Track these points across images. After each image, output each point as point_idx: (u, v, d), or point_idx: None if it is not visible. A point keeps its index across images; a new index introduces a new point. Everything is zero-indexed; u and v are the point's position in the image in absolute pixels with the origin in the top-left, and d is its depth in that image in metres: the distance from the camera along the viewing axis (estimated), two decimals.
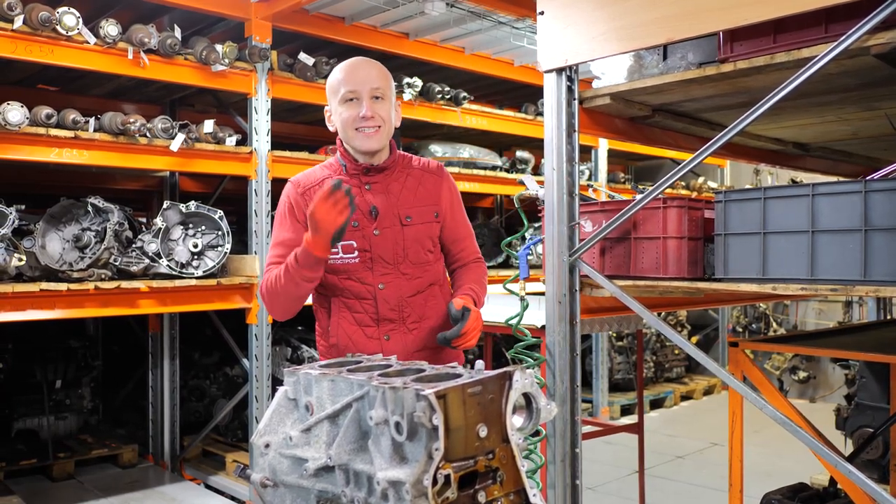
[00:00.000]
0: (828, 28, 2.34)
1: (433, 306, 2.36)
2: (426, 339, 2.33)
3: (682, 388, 8.40)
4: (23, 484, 5.20)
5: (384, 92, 2.29)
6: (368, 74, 2.29)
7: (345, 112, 2.28)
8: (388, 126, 2.31)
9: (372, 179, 2.33)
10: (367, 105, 2.25)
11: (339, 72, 2.32)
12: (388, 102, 2.31)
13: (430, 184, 2.39)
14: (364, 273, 2.29)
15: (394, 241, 2.29)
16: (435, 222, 2.37)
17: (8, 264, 3.78)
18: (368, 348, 2.29)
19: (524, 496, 1.56)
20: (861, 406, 4.44)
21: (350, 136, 2.29)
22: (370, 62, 2.35)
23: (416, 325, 2.32)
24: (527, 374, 1.58)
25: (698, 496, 5.17)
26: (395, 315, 2.30)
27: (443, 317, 2.36)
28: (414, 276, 2.32)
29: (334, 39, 5.04)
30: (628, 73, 2.98)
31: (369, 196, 2.31)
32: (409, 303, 2.31)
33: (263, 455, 1.70)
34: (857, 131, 3.69)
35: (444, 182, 2.43)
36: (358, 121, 2.25)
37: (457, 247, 2.46)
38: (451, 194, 2.44)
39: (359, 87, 2.26)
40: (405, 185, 2.35)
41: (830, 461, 2.33)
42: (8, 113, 3.74)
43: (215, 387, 6.16)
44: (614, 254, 3.05)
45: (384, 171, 2.34)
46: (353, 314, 2.31)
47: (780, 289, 2.50)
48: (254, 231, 4.72)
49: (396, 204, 2.32)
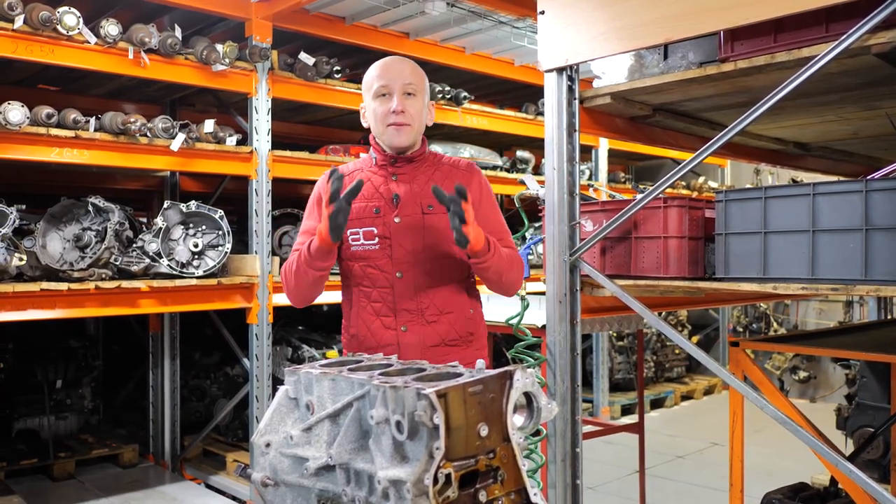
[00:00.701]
0: (828, 27, 2.34)
1: (455, 301, 2.33)
2: (445, 335, 2.30)
3: (682, 387, 8.40)
4: (23, 484, 5.20)
5: (416, 89, 2.30)
6: (402, 71, 2.31)
7: (377, 107, 2.30)
8: (419, 123, 2.32)
9: (399, 170, 2.34)
10: (399, 100, 2.27)
11: (373, 68, 2.35)
12: (420, 100, 2.32)
13: (457, 178, 2.35)
14: (384, 261, 2.28)
15: (414, 230, 2.28)
16: None
17: (8, 264, 3.78)
18: (385, 339, 2.27)
19: (525, 495, 1.56)
20: (862, 406, 4.44)
21: (380, 130, 2.31)
22: (404, 60, 2.37)
23: (435, 318, 2.29)
24: (528, 374, 1.58)
25: (699, 496, 5.17)
26: (413, 306, 2.28)
27: (465, 314, 2.34)
28: (434, 268, 2.29)
29: (335, 39, 5.05)
30: (629, 73, 2.98)
31: (394, 185, 2.32)
32: (427, 294, 2.28)
33: (264, 454, 1.70)
34: (857, 131, 3.69)
35: (474, 178, 2.40)
36: (389, 116, 2.27)
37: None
38: (481, 191, 2.40)
39: (391, 83, 2.28)
40: (432, 178, 2.34)
41: (831, 461, 2.33)
42: (8, 113, 3.74)
43: (216, 386, 6.16)
44: (615, 253, 3.05)
45: (412, 162, 2.34)
46: (371, 304, 2.30)
47: (781, 288, 2.50)
48: (254, 231, 4.72)
49: (420, 193, 2.31)
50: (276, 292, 4.77)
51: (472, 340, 2.37)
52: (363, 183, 2.13)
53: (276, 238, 5.14)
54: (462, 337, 2.34)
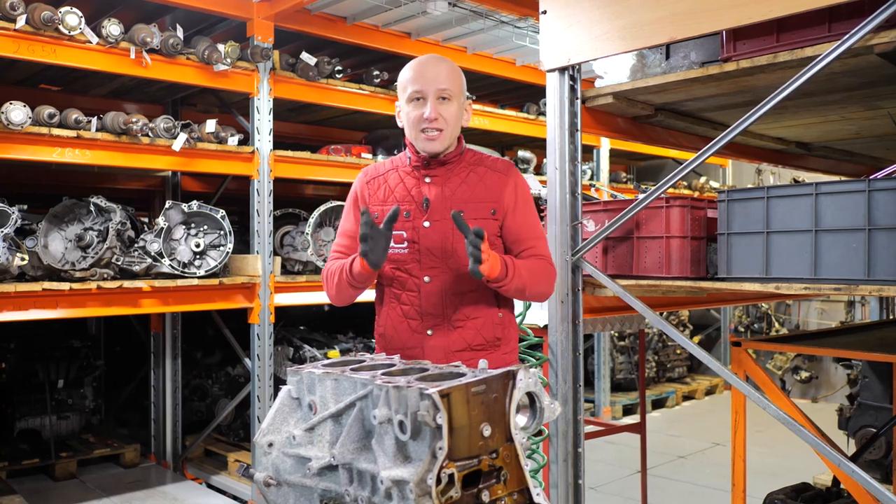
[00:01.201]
0: (831, 27, 2.34)
1: (483, 306, 2.28)
2: (470, 340, 2.26)
3: (684, 388, 8.39)
4: (25, 483, 5.20)
5: (451, 93, 2.24)
6: (437, 75, 2.24)
7: (410, 112, 2.26)
8: (453, 128, 2.26)
9: (432, 172, 2.30)
10: (433, 106, 2.22)
11: (408, 69, 2.30)
12: (456, 103, 2.26)
13: (492, 181, 2.30)
14: (412, 265, 2.26)
15: (443, 235, 2.24)
16: (491, 219, 2.27)
17: (10, 264, 3.78)
18: (411, 341, 2.27)
19: (527, 495, 1.56)
20: (864, 406, 4.43)
21: (414, 135, 2.28)
22: (441, 61, 2.30)
23: (461, 324, 2.26)
24: (530, 374, 1.58)
25: (700, 496, 5.16)
26: (438, 311, 2.25)
27: (492, 319, 2.30)
28: (462, 273, 2.23)
29: (336, 39, 5.04)
30: (631, 73, 2.98)
31: (425, 188, 2.29)
32: (454, 299, 2.25)
33: (267, 454, 1.70)
34: (859, 130, 3.68)
35: (510, 180, 2.32)
36: (422, 122, 2.23)
37: (519, 247, 2.32)
38: (517, 192, 2.32)
39: (425, 87, 2.23)
40: (465, 180, 2.29)
41: (834, 461, 2.32)
42: (10, 113, 3.74)
43: (217, 386, 6.16)
44: (617, 253, 3.05)
45: (445, 164, 2.30)
46: (400, 305, 2.29)
47: (783, 288, 2.50)
48: (256, 231, 4.72)
49: (451, 197, 2.27)
50: (277, 292, 4.77)
51: (499, 345, 2.31)
52: (399, 212, 2.11)
53: (277, 238, 5.14)
54: (489, 342, 2.29)
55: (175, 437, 5.78)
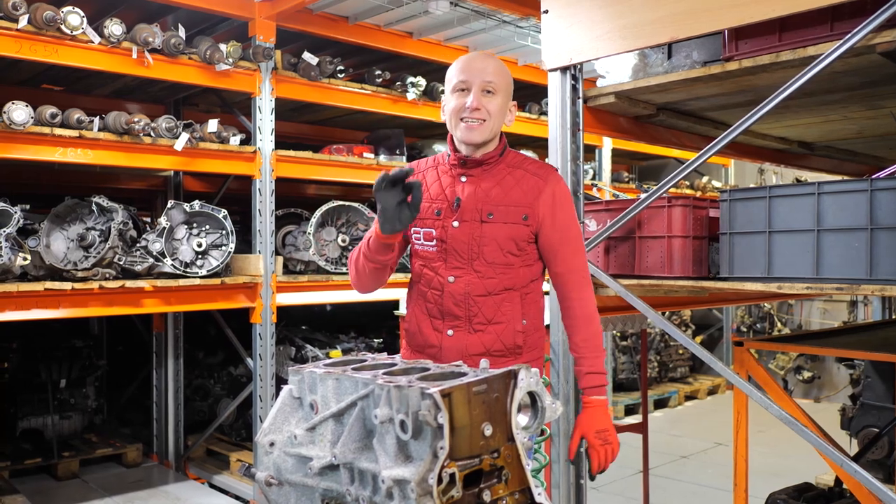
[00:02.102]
0: (833, 26, 2.34)
1: (506, 311, 2.23)
2: (489, 345, 2.22)
3: (686, 388, 8.38)
4: (28, 483, 5.21)
5: (497, 87, 2.21)
6: (484, 67, 2.22)
7: (453, 101, 2.23)
8: (495, 121, 2.22)
9: (468, 172, 2.26)
10: (476, 96, 2.18)
11: (456, 63, 2.27)
12: (500, 99, 2.22)
13: (528, 185, 2.24)
14: (438, 263, 2.25)
15: (470, 236, 2.22)
16: (523, 225, 2.22)
17: (13, 263, 3.78)
18: (431, 340, 2.26)
19: (529, 495, 1.56)
20: (866, 406, 4.43)
21: (454, 125, 2.24)
22: (489, 57, 2.29)
23: (482, 328, 2.22)
24: (532, 373, 1.58)
25: (703, 496, 5.16)
26: (460, 312, 2.23)
27: (515, 325, 2.24)
28: (487, 276, 2.21)
29: (338, 39, 5.04)
30: (633, 72, 2.98)
31: (459, 188, 2.26)
32: (477, 302, 2.21)
33: (268, 454, 1.70)
34: (862, 130, 3.68)
35: (548, 186, 2.24)
36: (463, 111, 2.19)
37: (553, 256, 2.26)
38: (554, 200, 2.24)
39: (470, 78, 2.20)
40: (500, 183, 2.25)
41: (836, 461, 2.32)
42: (13, 112, 3.75)
43: (219, 386, 6.16)
44: (619, 253, 3.05)
45: (481, 164, 2.26)
46: (425, 303, 2.28)
47: (786, 288, 2.49)
48: (258, 230, 4.72)
49: (483, 199, 2.23)
50: (279, 292, 4.77)
51: (520, 353, 2.25)
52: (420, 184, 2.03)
53: (279, 238, 5.14)
54: (509, 349, 2.23)
55: (177, 436, 5.79)
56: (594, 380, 2.24)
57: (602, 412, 2.24)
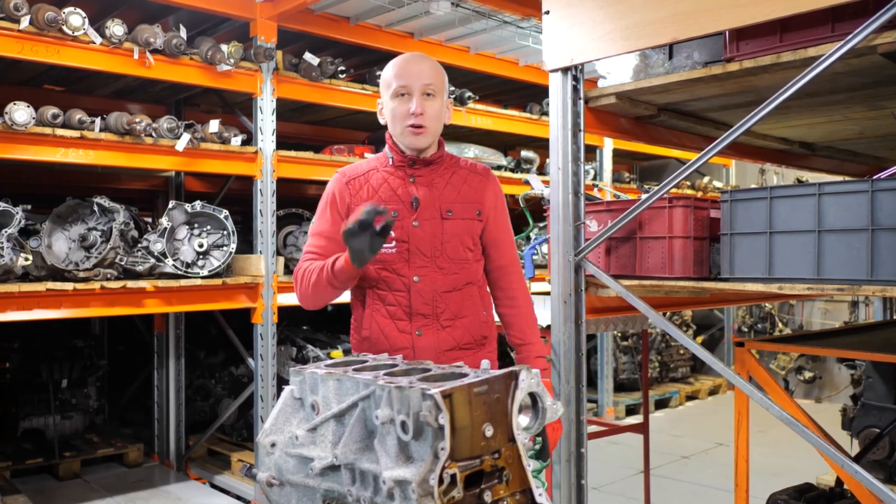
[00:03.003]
0: (834, 27, 2.34)
1: (469, 306, 2.32)
2: (459, 339, 2.30)
3: (687, 388, 8.38)
4: (29, 483, 5.21)
5: (436, 89, 2.28)
6: (421, 71, 2.27)
7: (396, 107, 2.27)
8: (437, 124, 2.30)
9: (417, 172, 2.32)
10: (418, 102, 2.24)
11: (392, 66, 2.31)
12: (439, 100, 2.30)
13: (475, 183, 2.37)
14: (400, 265, 2.27)
15: (432, 234, 2.27)
16: (477, 220, 2.34)
17: (14, 264, 3.79)
18: (399, 342, 2.26)
19: (530, 496, 1.56)
20: (867, 406, 4.43)
21: (399, 131, 2.28)
22: (425, 59, 2.33)
23: (449, 323, 2.29)
24: (532, 374, 1.58)
25: (703, 496, 5.16)
26: (428, 310, 2.27)
27: (478, 317, 2.35)
28: (450, 272, 2.29)
29: (339, 39, 5.05)
30: (634, 73, 2.98)
31: (412, 188, 2.30)
32: (443, 298, 2.28)
33: (269, 454, 1.70)
34: (863, 130, 3.68)
35: (490, 184, 2.41)
36: (408, 117, 2.24)
37: (495, 250, 2.41)
38: (496, 197, 2.41)
39: (410, 83, 2.25)
40: (450, 181, 2.34)
41: (837, 461, 2.32)
42: (14, 113, 3.75)
43: (220, 386, 6.17)
44: (620, 253, 3.05)
45: (430, 164, 2.32)
46: (386, 307, 2.29)
47: (787, 288, 2.49)
48: (259, 231, 4.72)
49: (439, 197, 2.30)
50: (280, 292, 4.77)
51: (484, 343, 2.37)
52: (393, 221, 2.08)
53: (280, 238, 5.14)
54: (476, 340, 2.34)
55: (178, 436, 5.79)
56: (543, 363, 2.41)
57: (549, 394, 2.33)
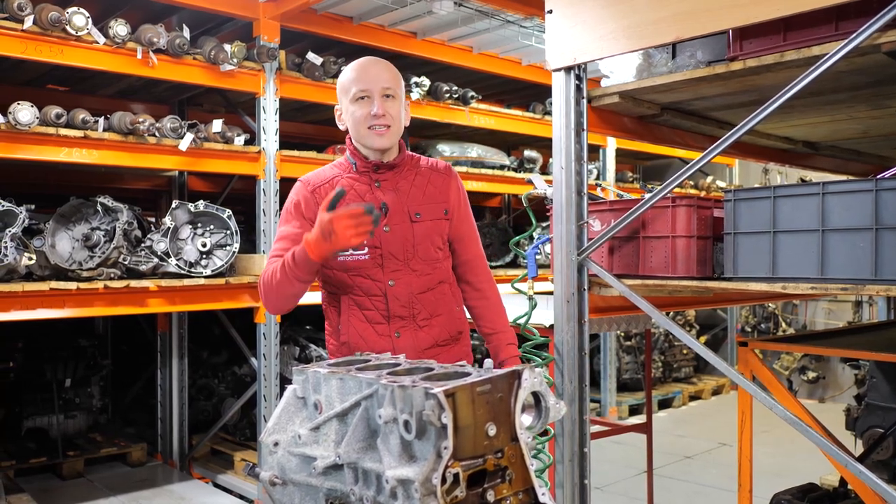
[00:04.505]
0: (838, 26, 2.33)
1: (443, 304, 2.38)
2: (437, 336, 2.35)
3: (690, 388, 8.37)
4: (33, 482, 5.22)
5: (395, 91, 2.31)
6: (379, 74, 2.30)
7: (356, 111, 2.29)
8: (399, 125, 2.33)
9: (382, 177, 2.34)
10: (379, 104, 2.26)
11: (350, 71, 2.34)
12: (399, 101, 2.33)
13: (438, 182, 2.41)
14: (374, 270, 2.29)
15: (403, 238, 2.30)
16: (444, 219, 2.39)
17: (18, 263, 3.80)
18: (379, 346, 2.29)
19: (533, 495, 1.56)
20: (871, 406, 4.42)
21: (362, 134, 2.30)
22: (380, 62, 2.37)
23: (426, 322, 2.34)
24: (536, 373, 1.58)
25: (707, 496, 5.15)
26: (405, 312, 2.31)
27: (453, 314, 2.40)
28: (424, 273, 2.33)
29: (342, 39, 5.05)
30: (637, 72, 2.97)
31: (379, 193, 2.33)
32: (419, 299, 2.32)
33: (272, 453, 1.70)
34: (867, 130, 3.67)
35: (453, 181, 2.45)
36: (370, 119, 2.26)
37: (461, 245, 2.47)
38: (459, 193, 2.46)
39: (370, 86, 2.27)
40: (414, 183, 2.37)
41: (841, 461, 2.32)
42: (18, 113, 3.76)
43: (223, 386, 6.17)
44: (623, 253, 3.04)
45: (394, 168, 2.35)
46: (363, 312, 2.31)
47: (790, 288, 2.49)
48: (262, 230, 4.73)
49: (406, 201, 2.33)
50: None
51: (460, 339, 2.44)
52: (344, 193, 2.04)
53: None
54: (452, 336, 2.40)
55: (182, 436, 5.80)
56: (514, 350, 2.46)
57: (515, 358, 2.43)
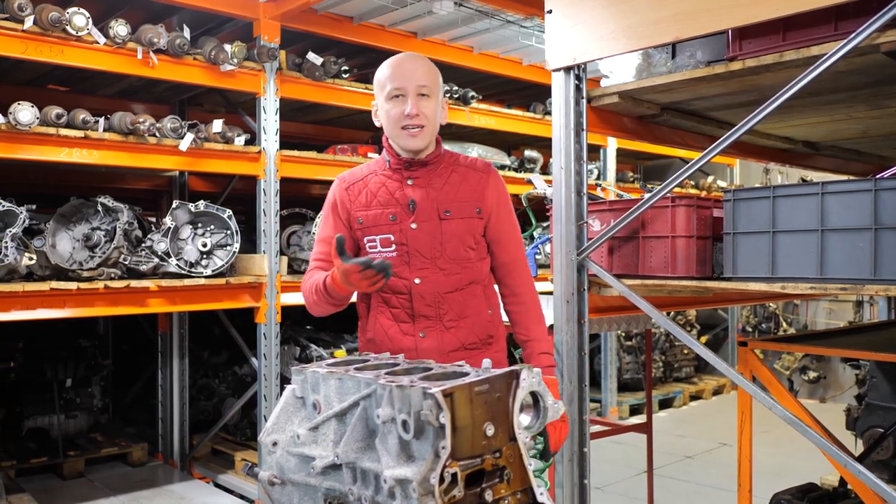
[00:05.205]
0: (837, 26, 2.33)
1: (473, 305, 2.30)
2: (464, 339, 2.28)
3: (691, 388, 8.37)
4: (34, 482, 5.23)
5: (431, 89, 2.25)
6: (415, 71, 2.24)
7: (391, 109, 2.24)
8: (433, 124, 2.27)
9: (414, 174, 2.29)
10: (413, 103, 2.21)
11: (386, 67, 2.28)
12: (435, 100, 2.27)
13: (474, 180, 2.32)
14: (401, 267, 2.26)
15: (431, 235, 2.25)
16: (477, 218, 2.29)
17: (19, 263, 3.80)
18: (404, 344, 2.26)
19: (531, 495, 1.56)
20: (871, 406, 4.42)
21: (395, 133, 2.26)
22: (418, 58, 2.31)
23: (453, 324, 2.27)
24: (534, 373, 1.58)
25: (707, 496, 5.15)
26: (431, 311, 2.26)
27: (483, 317, 2.32)
28: (452, 273, 2.26)
29: (342, 39, 5.05)
30: (637, 72, 2.98)
31: (409, 190, 2.28)
32: (445, 299, 2.26)
33: (271, 453, 1.71)
34: (867, 130, 3.67)
35: (491, 180, 2.35)
36: (403, 119, 2.22)
37: (499, 247, 2.36)
38: (498, 193, 2.36)
39: (405, 84, 2.22)
40: (448, 181, 2.30)
41: (840, 461, 2.32)
42: (18, 113, 3.76)
43: (224, 385, 6.18)
44: (622, 253, 3.04)
45: (427, 165, 2.29)
46: (390, 309, 2.29)
47: (790, 288, 2.49)
48: (262, 230, 4.73)
49: (436, 198, 2.27)
50: (284, 292, 4.78)
51: (491, 343, 2.34)
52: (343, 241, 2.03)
53: (284, 237, 5.15)
54: (481, 340, 2.31)
55: (182, 436, 5.80)
56: (547, 360, 2.33)
57: (555, 391, 2.28)
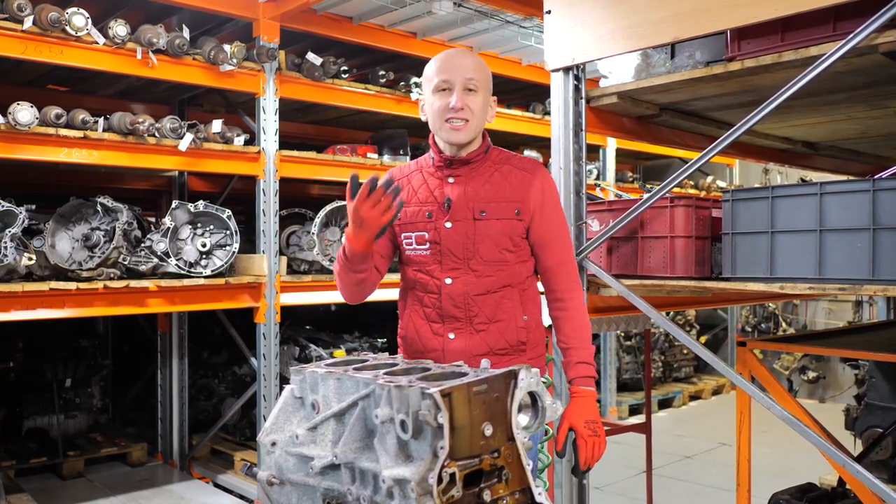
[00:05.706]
0: (836, 26, 2.34)
1: (507, 309, 2.21)
2: (493, 344, 2.20)
3: (690, 387, 8.38)
4: (33, 482, 5.23)
5: (478, 84, 2.19)
6: (463, 65, 2.19)
7: (436, 101, 2.19)
8: (478, 119, 2.21)
9: (455, 172, 2.24)
10: (459, 96, 2.15)
11: (434, 61, 2.23)
12: (482, 96, 2.21)
13: (517, 180, 2.23)
14: (433, 266, 2.22)
15: (464, 235, 2.19)
16: (516, 220, 2.20)
17: (18, 263, 3.80)
18: (433, 344, 2.22)
19: (529, 495, 1.56)
20: (871, 406, 4.42)
21: (438, 126, 2.21)
22: (467, 53, 2.27)
23: (483, 327, 2.19)
24: (532, 373, 1.58)
25: (706, 496, 5.15)
26: (460, 313, 2.20)
27: (516, 322, 2.22)
28: (484, 275, 2.19)
29: (342, 39, 5.05)
30: (635, 72, 2.98)
31: (448, 188, 2.23)
32: (476, 301, 2.19)
33: (270, 453, 1.71)
34: (865, 130, 3.67)
35: (537, 181, 2.24)
36: (447, 111, 2.16)
37: (543, 250, 2.25)
38: (544, 193, 2.24)
39: (452, 77, 2.16)
40: (489, 180, 2.23)
41: (839, 461, 2.32)
42: (18, 113, 3.76)
43: (224, 386, 6.18)
44: (621, 253, 3.05)
45: (468, 163, 2.23)
46: (423, 308, 2.25)
47: (788, 288, 2.49)
48: (262, 230, 4.73)
49: (473, 197, 2.20)
50: (283, 292, 4.78)
51: (524, 349, 2.24)
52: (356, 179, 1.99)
53: (283, 237, 5.15)
54: (512, 346, 2.22)
55: (182, 436, 5.81)
56: (584, 370, 2.23)
57: (591, 403, 2.21)
